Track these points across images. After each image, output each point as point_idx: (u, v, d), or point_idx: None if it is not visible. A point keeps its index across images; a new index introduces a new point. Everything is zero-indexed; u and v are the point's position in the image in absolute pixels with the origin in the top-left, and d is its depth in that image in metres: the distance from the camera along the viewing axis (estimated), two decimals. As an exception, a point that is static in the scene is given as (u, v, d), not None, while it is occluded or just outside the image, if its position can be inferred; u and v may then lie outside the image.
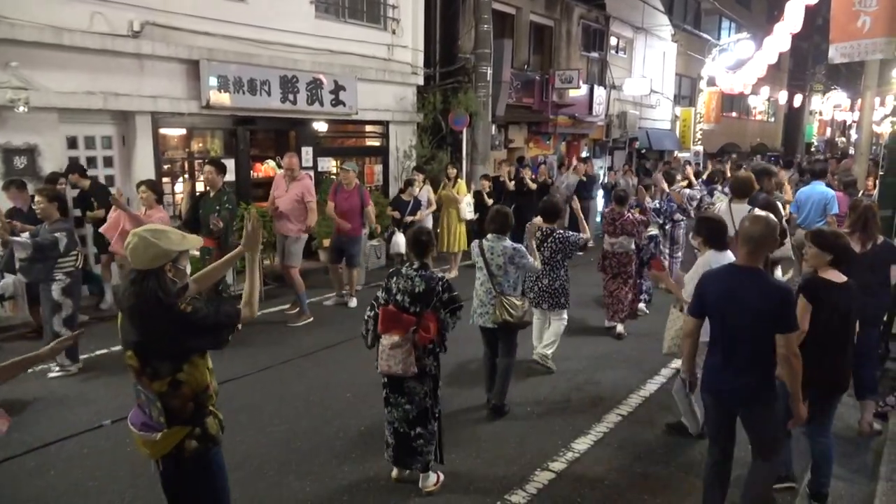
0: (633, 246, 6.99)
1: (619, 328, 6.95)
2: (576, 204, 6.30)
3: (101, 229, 6.52)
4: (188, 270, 2.69)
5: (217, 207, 6.39)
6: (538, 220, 5.59)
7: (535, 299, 5.76)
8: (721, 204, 6.33)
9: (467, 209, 9.64)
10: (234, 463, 4.08)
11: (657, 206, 8.05)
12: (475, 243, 5.00)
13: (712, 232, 4.21)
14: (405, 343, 3.63)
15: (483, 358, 5.10)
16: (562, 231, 5.70)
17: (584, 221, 6.01)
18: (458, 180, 9.85)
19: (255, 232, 2.86)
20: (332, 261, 7.96)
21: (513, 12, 14.60)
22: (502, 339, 4.90)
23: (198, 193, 7.81)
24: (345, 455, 4.25)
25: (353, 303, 7.92)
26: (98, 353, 5.96)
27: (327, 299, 8.02)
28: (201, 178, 8.70)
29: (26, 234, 5.31)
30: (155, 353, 2.42)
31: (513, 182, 11.23)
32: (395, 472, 3.93)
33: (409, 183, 9.27)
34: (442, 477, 3.93)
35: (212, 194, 6.53)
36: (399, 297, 3.73)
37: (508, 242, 4.79)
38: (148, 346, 2.42)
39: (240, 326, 2.61)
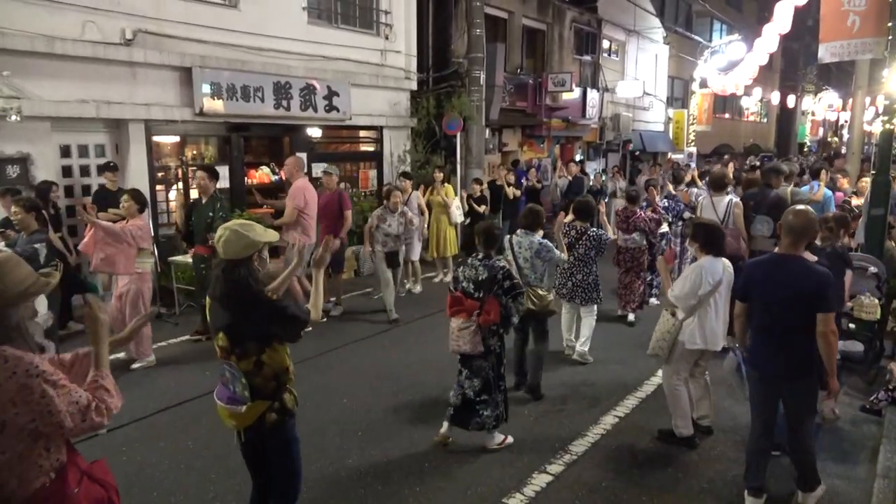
0: (644, 242, 7.38)
1: (631, 316, 7.48)
2: (601, 206, 6.90)
3: (80, 246, 6.27)
4: (268, 260, 2.95)
5: (210, 214, 6.36)
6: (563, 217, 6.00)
7: (568, 294, 6.10)
8: (704, 199, 6.85)
9: (457, 213, 9.60)
10: (228, 468, 4.07)
11: (665, 204, 8.47)
12: (505, 238, 5.29)
13: (710, 238, 4.27)
14: (470, 325, 4.08)
15: (514, 342, 5.32)
16: (595, 229, 6.08)
17: (606, 221, 6.70)
18: (446, 184, 9.77)
19: (325, 255, 3.16)
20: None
21: (505, 16, 14.63)
22: (533, 326, 5.22)
23: (191, 201, 7.75)
24: (341, 460, 4.23)
25: (338, 311, 7.79)
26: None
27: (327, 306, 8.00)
28: (194, 184, 8.70)
29: (2, 244, 5.21)
30: (244, 334, 2.70)
31: (510, 187, 11.27)
32: (443, 429, 4.36)
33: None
34: (510, 440, 4.38)
35: (204, 201, 6.50)
36: (465, 285, 4.20)
37: (536, 238, 5.14)
38: (238, 328, 2.70)
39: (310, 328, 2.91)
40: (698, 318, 4.22)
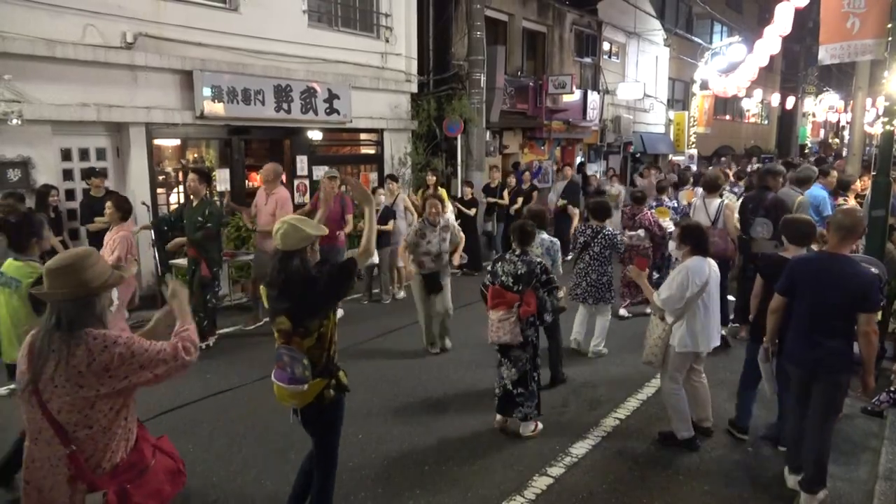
0: (648, 240, 7.51)
1: (648, 309, 7.52)
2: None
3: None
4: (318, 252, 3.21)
5: (200, 219, 6.33)
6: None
7: (581, 294, 6.24)
8: (697, 201, 7.05)
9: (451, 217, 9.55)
10: (230, 471, 4.07)
11: (674, 205, 8.62)
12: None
13: (697, 240, 4.32)
14: (510, 316, 4.31)
15: None
16: (611, 229, 6.27)
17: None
18: (440, 187, 9.68)
19: (360, 186, 3.46)
20: None
21: (505, 19, 14.66)
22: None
23: (180, 203, 7.68)
24: (342, 462, 4.21)
25: (339, 313, 7.76)
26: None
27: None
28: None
29: None
30: (305, 314, 2.96)
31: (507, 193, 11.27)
32: (498, 418, 4.67)
33: (373, 191, 8.57)
34: (540, 426, 4.63)
35: (194, 203, 6.46)
36: (504, 279, 4.43)
37: (545, 235, 5.45)
38: (299, 309, 2.96)
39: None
40: (687, 321, 4.22)
